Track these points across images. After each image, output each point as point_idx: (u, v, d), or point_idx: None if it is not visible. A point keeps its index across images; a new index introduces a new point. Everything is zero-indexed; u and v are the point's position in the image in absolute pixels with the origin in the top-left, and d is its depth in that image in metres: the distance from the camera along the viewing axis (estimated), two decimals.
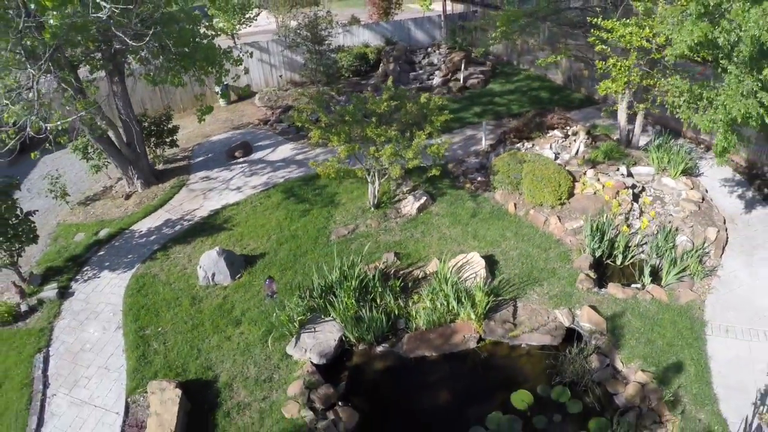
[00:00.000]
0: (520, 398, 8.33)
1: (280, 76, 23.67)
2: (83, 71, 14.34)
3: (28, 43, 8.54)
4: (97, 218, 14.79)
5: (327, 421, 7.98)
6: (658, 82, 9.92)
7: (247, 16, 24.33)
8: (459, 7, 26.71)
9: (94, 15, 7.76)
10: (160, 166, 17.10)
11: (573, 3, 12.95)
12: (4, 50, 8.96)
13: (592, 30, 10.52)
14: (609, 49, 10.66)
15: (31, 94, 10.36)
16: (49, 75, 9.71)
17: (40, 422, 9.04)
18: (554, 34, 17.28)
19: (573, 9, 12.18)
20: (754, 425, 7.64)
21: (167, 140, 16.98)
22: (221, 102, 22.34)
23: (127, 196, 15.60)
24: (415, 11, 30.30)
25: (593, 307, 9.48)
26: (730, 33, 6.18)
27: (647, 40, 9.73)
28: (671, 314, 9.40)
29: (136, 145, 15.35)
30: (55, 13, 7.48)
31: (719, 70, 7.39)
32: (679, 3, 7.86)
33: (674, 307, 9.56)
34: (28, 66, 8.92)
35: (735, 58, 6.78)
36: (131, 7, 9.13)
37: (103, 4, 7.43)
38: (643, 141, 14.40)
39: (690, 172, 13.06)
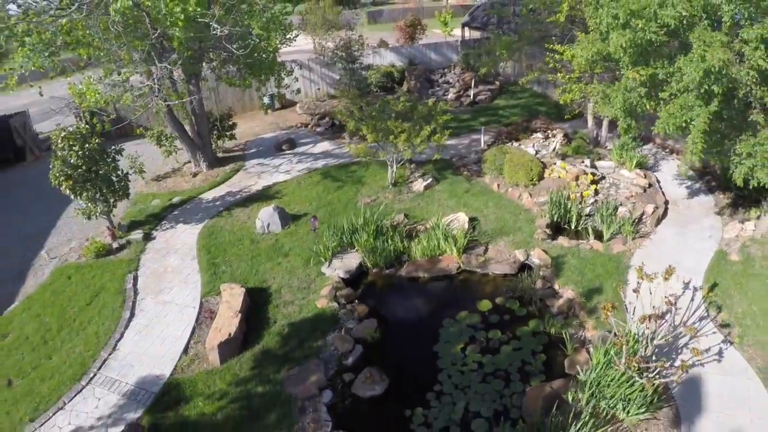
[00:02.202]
0: (483, 305, 11.75)
1: (318, 89, 27.74)
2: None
3: (158, 48, 12.51)
4: (169, 189, 18.70)
5: (346, 310, 11.57)
6: (591, 88, 13.30)
7: (287, 36, 28.56)
8: (476, 34, 30.60)
9: (213, 33, 11.74)
10: (220, 155, 21.08)
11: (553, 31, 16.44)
12: (139, 51, 12.99)
13: (548, 53, 14.11)
14: (560, 66, 14.21)
15: (143, 87, 14.47)
16: (157, 71, 13.66)
17: (132, 315, 12.30)
18: None
19: (548, 37, 15.69)
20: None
21: (227, 134, 21.04)
22: (263, 111, 26.45)
23: (194, 174, 19.56)
24: (437, 36, 34.30)
25: (544, 250, 12.89)
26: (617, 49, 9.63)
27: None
28: (603, 259, 12.70)
29: (204, 134, 19.40)
30: (180, 29, 11.42)
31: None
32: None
33: (607, 255, 12.86)
34: (156, 62, 12.91)
35: (623, 65, 10.20)
36: (238, 29, 13.12)
37: (215, 25, 11.37)
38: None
39: (644, 166, 16.35)
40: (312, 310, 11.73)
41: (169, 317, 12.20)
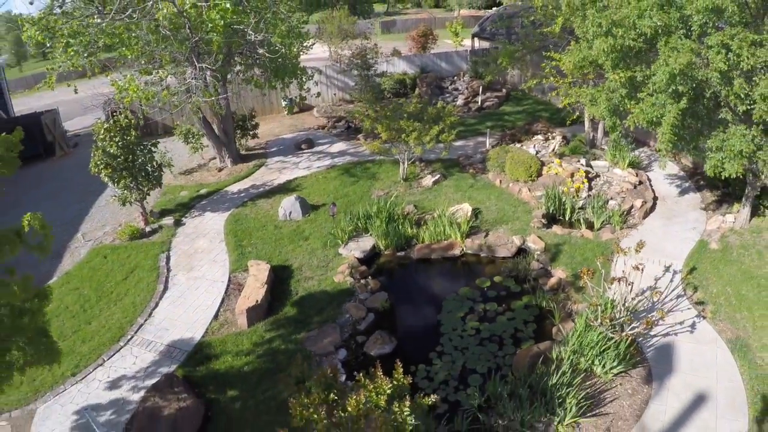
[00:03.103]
0: (482, 282, 13.12)
1: (334, 94, 29.31)
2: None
3: (197, 51, 14.13)
4: (197, 182, 20.26)
5: (360, 284, 12.98)
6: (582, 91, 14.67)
7: (304, 44, 30.18)
8: (485, 44, 32.08)
9: (247, 39, 13.35)
10: (243, 152, 22.62)
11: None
12: (180, 53, 14.62)
13: (545, 60, 15.53)
14: (555, 72, 15.65)
15: (180, 86, 16.06)
16: (194, 71, 15.27)
17: (165, 288, 13.72)
18: None
19: (548, 46, 17.15)
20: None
21: (250, 133, 22.63)
22: (285, 111, 28.09)
23: (220, 169, 21.11)
24: (448, 46, 35.83)
25: (539, 237, 14.22)
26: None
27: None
28: (592, 245, 13.98)
29: (230, 132, 20.99)
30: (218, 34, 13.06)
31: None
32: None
33: (596, 242, 14.14)
34: (196, 63, 14.50)
35: (607, 69, 11.58)
36: (266, 35, 14.72)
37: (250, 32, 12.95)
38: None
39: (637, 166, 17.64)
40: (330, 284, 13.13)
41: (200, 290, 13.62)
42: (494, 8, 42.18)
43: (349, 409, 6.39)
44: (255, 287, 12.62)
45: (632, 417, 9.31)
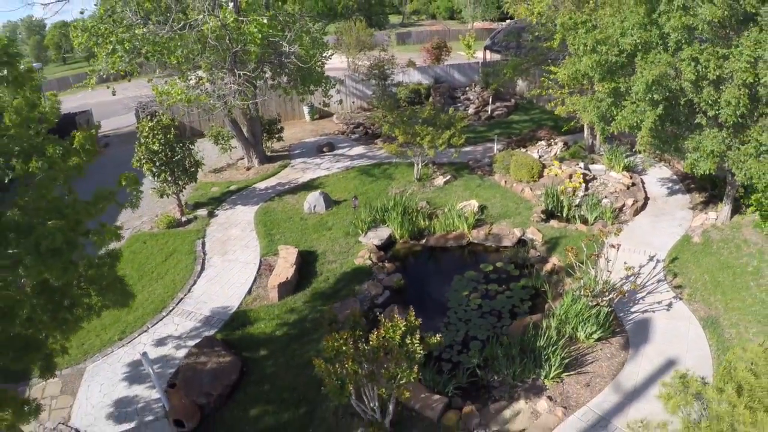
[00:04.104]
0: (486, 267, 14.77)
1: (353, 102, 31.20)
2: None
3: (235, 59, 16.08)
4: (226, 179, 22.14)
5: (378, 266, 14.70)
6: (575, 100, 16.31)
7: (324, 55, 32.12)
8: (497, 57, 33.83)
9: (281, 50, 15.27)
10: (268, 154, 24.51)
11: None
12: (220, 61, 16.57)
13: (545, 73, 17.26)
14: (552, 83, 17.38)
15: (218, 90, 17.98)
16: (231, 78, 17.19)
17: (202, 269, 15.48)
18: None
19: (550, 59, 18.85)
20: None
21: (276, 136, 24.53)
22: (307, 118, 30.02)
23: (248, 169, 23.00)
24: (461, 58, 37.62)
25: (538, 229, 15.86)
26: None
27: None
28: (584, 237, 15.55)
29: (257, 134, 22.90)
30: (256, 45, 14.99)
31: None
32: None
33: (588, 234, 15.70)
34: (235, 71, 16.42)
35: (595, 80, 13.27)
36: (297, 46, 16.65)
37: (283, 43, 14.87)
38: None
39: (632, 169, 19.20)
40: (351, 266, 14.87)
41: (234, 270, 15.38)
42: (507, 21, 43.96)
43: (371, 342, 8.08)
44: (285, 267, 14.37)
45: (609, 376, 10.87)
